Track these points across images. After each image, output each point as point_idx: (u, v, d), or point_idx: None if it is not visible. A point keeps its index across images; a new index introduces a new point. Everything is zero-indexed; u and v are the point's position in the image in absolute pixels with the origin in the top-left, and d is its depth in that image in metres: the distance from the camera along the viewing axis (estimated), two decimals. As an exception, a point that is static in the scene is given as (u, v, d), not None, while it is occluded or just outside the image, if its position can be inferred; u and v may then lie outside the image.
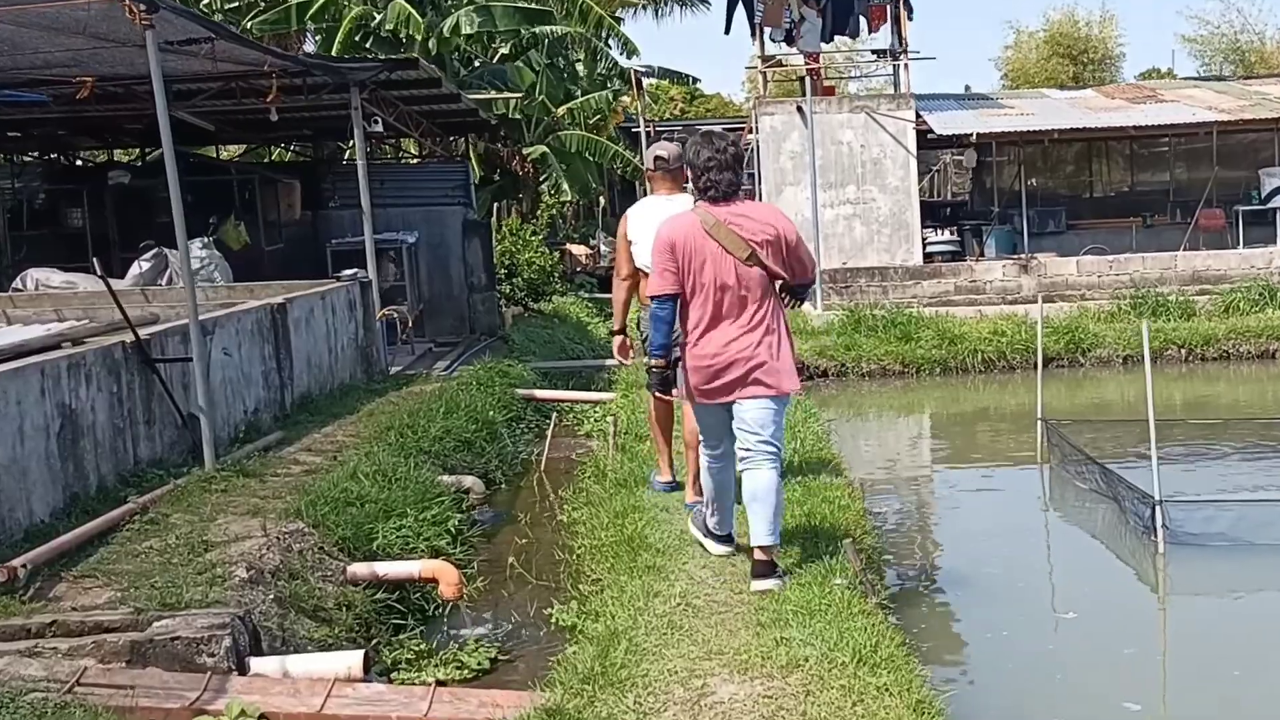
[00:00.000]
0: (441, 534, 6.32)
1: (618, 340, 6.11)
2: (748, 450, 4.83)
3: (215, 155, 16.04)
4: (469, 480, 7.66)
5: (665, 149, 5.82)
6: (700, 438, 5.16)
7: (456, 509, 6.87)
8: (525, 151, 19.62)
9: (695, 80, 30.20)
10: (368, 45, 17.91)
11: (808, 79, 14.22)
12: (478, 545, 6.80)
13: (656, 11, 28.96)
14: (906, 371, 12.01)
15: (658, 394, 5.25)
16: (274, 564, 5.20)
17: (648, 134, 24.06)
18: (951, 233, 20.48)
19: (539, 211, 15.95)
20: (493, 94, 16.73)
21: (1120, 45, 33.45)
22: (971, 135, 17.96)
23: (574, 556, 6.04)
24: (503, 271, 14.71)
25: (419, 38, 17.45)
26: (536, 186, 20.35)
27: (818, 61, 19.74)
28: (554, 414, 10.69)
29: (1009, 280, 18.84)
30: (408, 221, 13.56)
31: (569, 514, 7.02)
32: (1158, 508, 6.25)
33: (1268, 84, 20.90)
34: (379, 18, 17.50)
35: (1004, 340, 11.95)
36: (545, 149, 19.31)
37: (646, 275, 5.33)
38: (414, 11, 17.37)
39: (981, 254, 19.70)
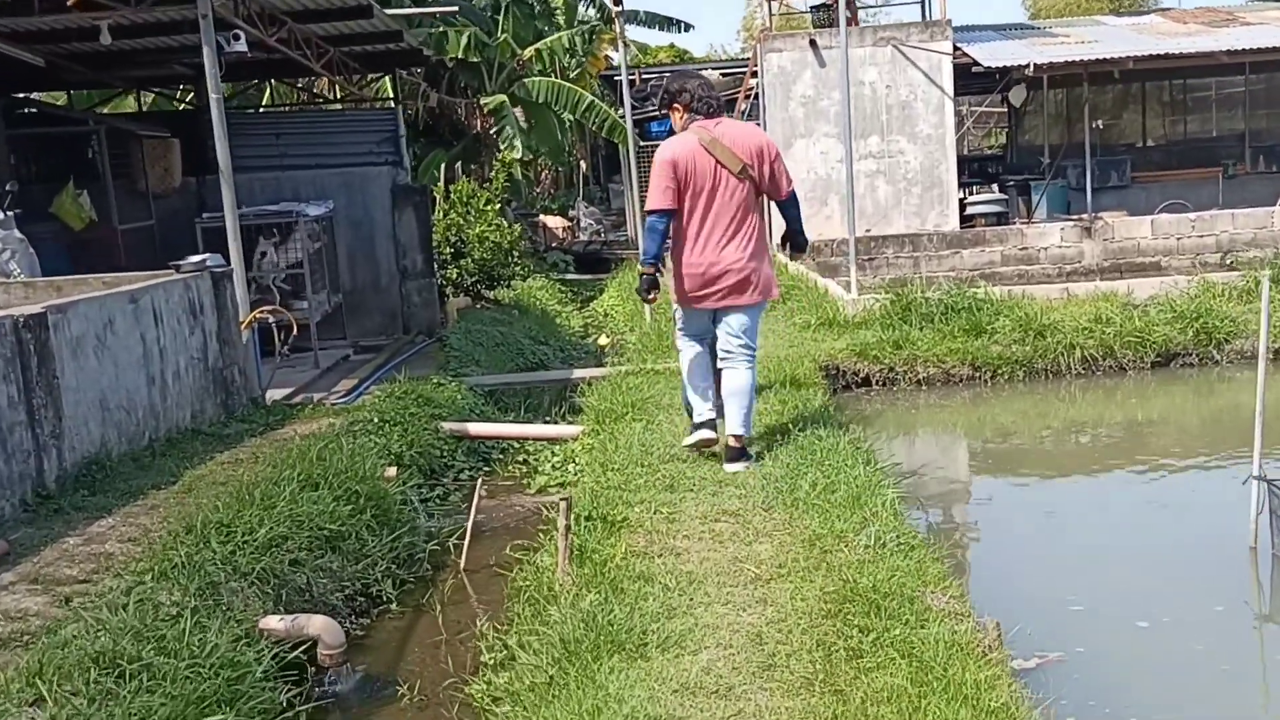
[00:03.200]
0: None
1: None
2: (729, 351, 5.55)
3: (80, 107, 12.72)
4: (316, 624, 4.50)
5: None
6: (680, 332, 5.73)
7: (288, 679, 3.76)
8: (484, 102, 16.32)
9: (688, 27, 26.79)
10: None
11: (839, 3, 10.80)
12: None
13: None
14: (978, 377, 8.87)
15: (643, 296, 5.63)
16: None
17: (631, 82, 20.75)
18: (991, 191, 17.27)
19: (494, 173, 12.65)
20: (413, 9, 13.37)
21: (1159, -22, 29.98)
22: (1026, 67, 14.64)
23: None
24: (448, 251, 11.48)
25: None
26: (498, 145, 17.08)
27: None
28: (495, 455, 7.62)
29: (1068, 246, 15.65)
30: (321, 188, 10.31)
31: (487, 685, 4.02)
32: None
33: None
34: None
35: (1109, 331, 8.77)
36: (504, 98, 16.01)
37: None
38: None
39: (1030, 215, 16.48)
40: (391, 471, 6.55)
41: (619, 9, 10.00)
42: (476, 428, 7.62)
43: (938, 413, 8.75)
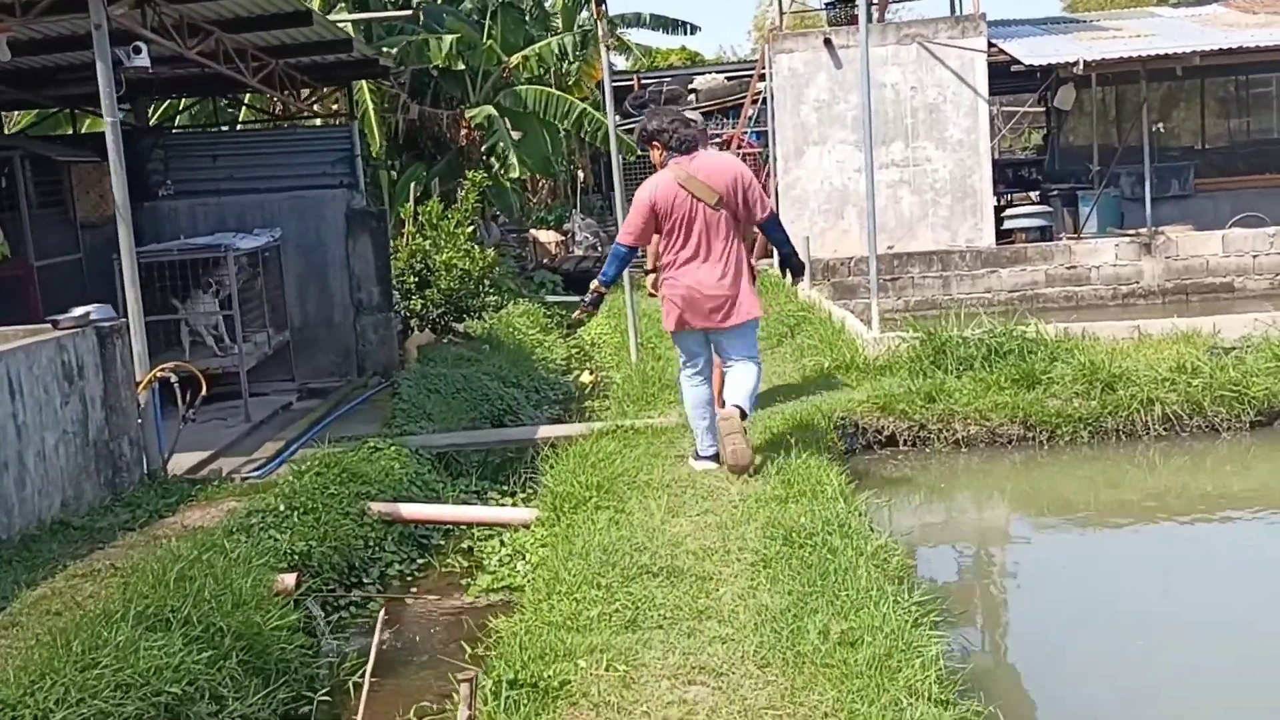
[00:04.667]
0: None
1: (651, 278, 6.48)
2: (732, 360, 5.83)
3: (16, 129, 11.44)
4: None
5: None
6: (680, 358, 6.03)
7: None
8: (469, 114, 14.94)
9: (694, 29, 25.29)
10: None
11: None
12: None
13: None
14: (1031, 437, 7.34)
15: (587, 310, 6.22)
16: None
17: (631, 87, 19.30)
18: (1031, 200, 15.74)
19: (464, 192, 11.25)
20: (355, 14, 11.96)
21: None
22: (1074, 65, 13.06)
23: None
24: (412, 281, 10.06)
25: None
26: (483, 161, 15.67)
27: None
28: (435, 540, 6.22)
29: (1124, 264, 14.04)
30: (268, 213, 8.96)
31: None
32: None
33: None
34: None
35: (1197, 383, 7.19)
36: (492, 110, 14.61)
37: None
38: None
39: (1077, 229, 14.90)
40: (289, 581, 5.14)
41: (601, 9, 8.52)
42: (410, 510, 6.17)
43: (981, 480, 7.18)
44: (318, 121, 12.82)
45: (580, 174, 19.73)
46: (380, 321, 8.93)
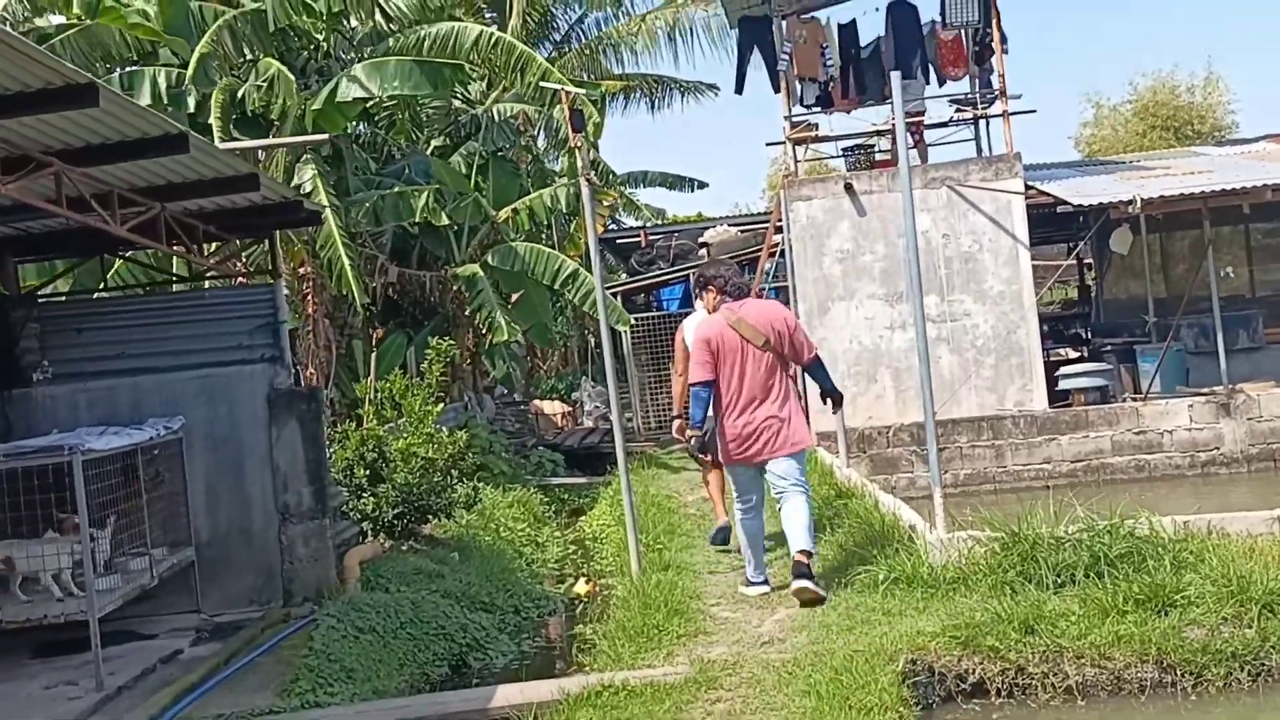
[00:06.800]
0: None
1: (677, 423, 7.14)
2: (782, 490, 6.28)
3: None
4: None
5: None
6: (734, 493, 6.57)
7: None
8: (456, 273, 13.54)
9: (701, 185, 24.33)
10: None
11: (902, 144, 7.58)
12: None
13: (652, 103, 23.40)
14: (1170, 681, 5.40)
15: (697, 456, 7.17)
16: None
17: (637, 243, 18.01)
18: (1075, 354, 14.06)
19: (427, 363, 9.59)
20: (247, 142, 10.52)
21: (1231, 114, 27.36)
22: (1130, 204, 11.55)
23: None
24: (363, 474, 8.23)
25: (295, 112, 11.60)
26: (469, 326, 14.19)
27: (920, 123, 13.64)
28: None
29: (1200, 428, 12.19)
30: (171, 396, 7.25)
31: None
32: None
33: None
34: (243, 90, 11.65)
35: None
36: (477, 269, 13.18)
37: None
38: (283, 69, 11.54)
39: (1138, 389, 13.12)
40: None
41: (579, 138, 7.08)
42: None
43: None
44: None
45: (592, 339, 18.23)
46: (312, 531, 7.06)
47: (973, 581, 6.24)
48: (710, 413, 6.35)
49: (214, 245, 7.75)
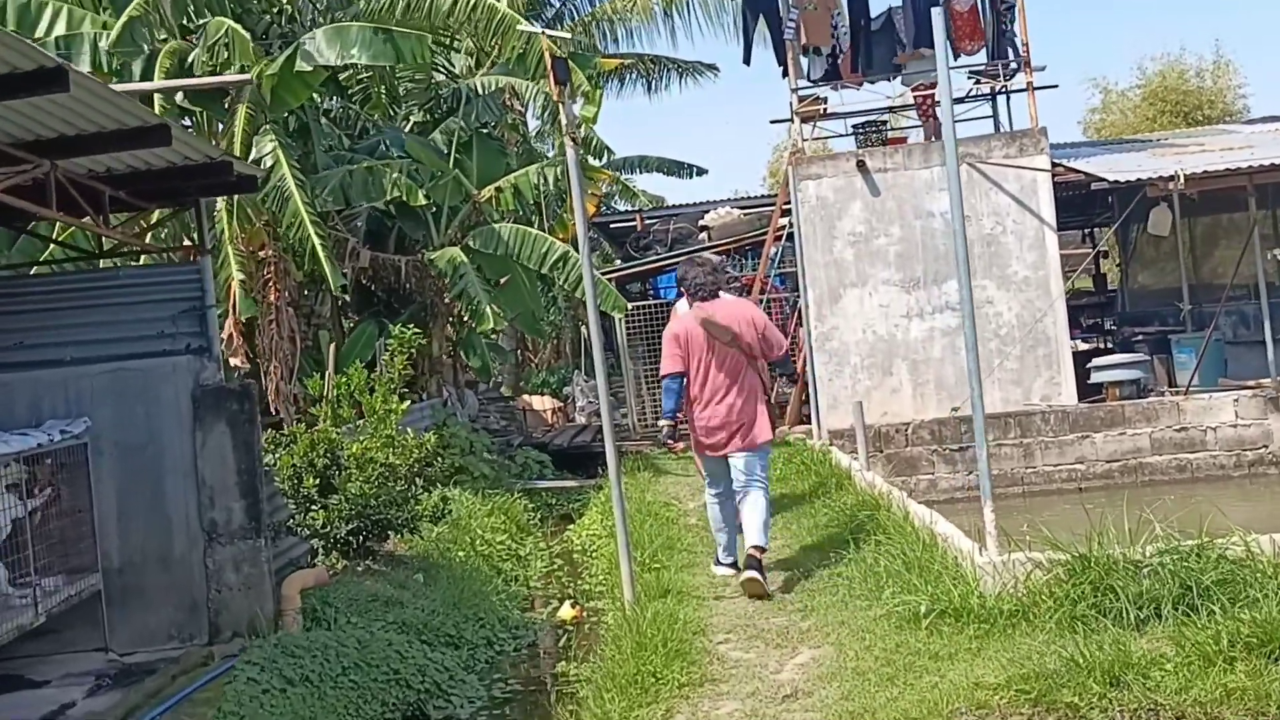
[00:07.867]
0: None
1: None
2: (742, 485, 6.56)
3: None
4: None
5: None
6: (705, 480, 6.92)
7: None
8: (431, 258, 12.43)
9: (701, 171, 23.23)
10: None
11: (947, 116, 6.52)
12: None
13: (649, 84, 22.26)
14: (1291, 748, 4.42)
15: (668, 443, 6.99)
16: None
17: (632, 228, 16.88)
18: (1104, 342, 13.00)
19: (389, 354, 8.50)
20: (146, 84, 9.39)
21: (1242, 98, 26.27)
22: (1171, 179, 10.48)
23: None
24: (312, 484, 7.10)
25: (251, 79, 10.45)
26: (448, 315, 13.07)
27: (928, 98, 12.50)
28: None
29: (1247, 424, 11.15)
30: (74, 395, 6.11)
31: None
32: None
33: None
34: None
35: None
36: (458, 253, 12.07)
37: None
38: (237, 28, 10.40)
39: (1173, 381, 12.08)
40: None
41: (562, 90, 5.99)
42: None
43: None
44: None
45: (585, 330, 17.13)
46: (244, 554, 5.93)
47: (1035, 616, 5.19)
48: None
49: (125, 216, 6.63)
